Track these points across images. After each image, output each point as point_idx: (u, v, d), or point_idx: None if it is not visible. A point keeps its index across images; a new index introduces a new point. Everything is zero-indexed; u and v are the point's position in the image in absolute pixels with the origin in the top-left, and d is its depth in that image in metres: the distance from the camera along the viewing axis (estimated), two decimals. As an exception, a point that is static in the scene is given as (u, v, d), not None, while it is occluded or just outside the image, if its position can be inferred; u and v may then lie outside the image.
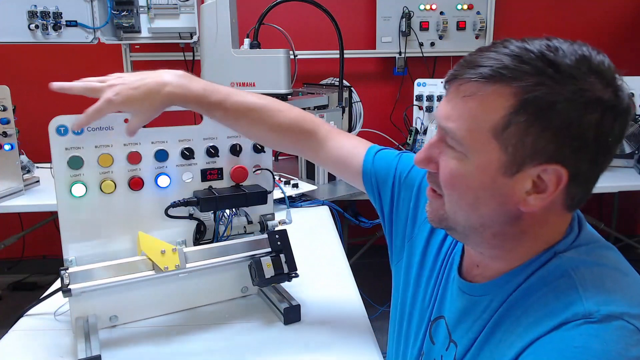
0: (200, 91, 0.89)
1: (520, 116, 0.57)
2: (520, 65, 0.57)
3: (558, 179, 0.59)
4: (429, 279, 0.85)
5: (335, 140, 0.98)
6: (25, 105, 2.29)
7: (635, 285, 0.63)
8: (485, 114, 0.59)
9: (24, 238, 2.83)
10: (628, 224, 3.37)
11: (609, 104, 0.57)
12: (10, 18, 2.31)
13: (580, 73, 0.56)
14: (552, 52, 0.57)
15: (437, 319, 0.81)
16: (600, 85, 0.57)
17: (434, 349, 0.81)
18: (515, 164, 0.59)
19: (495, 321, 0.68)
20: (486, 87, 0.58)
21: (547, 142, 0.57)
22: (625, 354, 0.54)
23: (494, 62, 0.58)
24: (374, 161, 0.96)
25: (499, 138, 0.59)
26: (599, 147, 0.58)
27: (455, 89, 0.63)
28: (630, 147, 2.38)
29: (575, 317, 0.57)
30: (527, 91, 0.56)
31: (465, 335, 0.73)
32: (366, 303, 1.11)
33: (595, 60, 0.58)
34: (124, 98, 0.85)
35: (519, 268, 0.67)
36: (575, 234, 0.67)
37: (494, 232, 0.65)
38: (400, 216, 0.93)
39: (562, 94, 0.55)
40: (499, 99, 0.58)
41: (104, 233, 0.97)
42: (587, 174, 0.60)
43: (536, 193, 0.60)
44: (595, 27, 3.05)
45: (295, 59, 1.97)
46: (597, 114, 0.56)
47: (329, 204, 1.82)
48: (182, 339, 0.97)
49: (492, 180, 0.61)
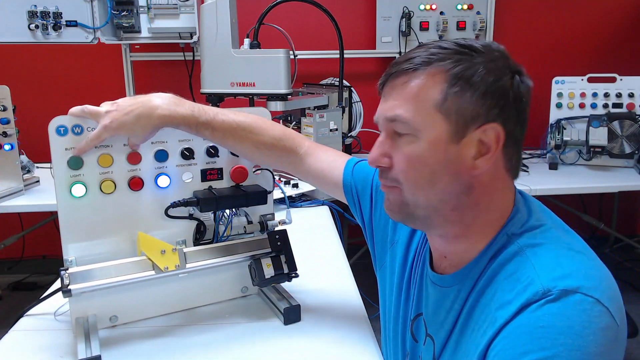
0: (189, 113, 0.93)
1: (454, 87, 0.67)
2: (443, 50, 0.69)
3: (497, 136, 0.68)
4: (408, 280, 0.89)
5: (315, 155, 1.04)
6: (25, 105, 2.30)
7: (589, 260, 0.67)
8: (426, 93, 0.69)
9: (24, 238, 2.84)
10: (628, 224, 3.37)
11: (514, 69, 0.69)
12: (10, 18, 2.31)
13: (487, 50, 0.70)
14: (462, 40, 0.70)
15: (417, 317, 0.85)
16: (503, 58, 0.70)
17: (417, 347, 0.85)
18: (460, 131, 0.68)
19: (467, 311, 0.72)
20: (419, 72, 0.69)
21: (479, 105, 0.67)
22: (588, 326, 0.58)
23: (422, 53, 0.70)
24: (353, 173, 1.02)
25: (441, 110, 0.68)
26: (517, 107, 0.69)
27: (391, 84, 0.73)
28: (630, 147, 2.38)
29: (535, 296, 0.61)
30: (453, 67, 0.68)
31: (440, 328, 0.77)
32: (366, 303, 1.11)
33: (494, 45, 0.71)
34: (119, 124, 0.90)
35: (479, 255, 0.73)
36: (525, 215, 0.72)
37: (452, 205, 0.71)
38: (379, 223, 0.98)
39: (479, 64, 0.68)
40: (433, 78, 0.68)
41: (104, 233, 0.97)
42: (516, 132, 0.70)
43: (481, 156, 0.69)
44: (595, 27, 3.05)
45: (295, 59, 1.97)
46: (507, 77, 0.68)
47: (329, 204, 1.82)
48: (182, 339, 0.97)
49: (444, 152, 0.69)
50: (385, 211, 0.80)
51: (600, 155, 2.44)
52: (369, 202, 1.00)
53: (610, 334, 0.59)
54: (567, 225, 0.73)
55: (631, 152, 2.39)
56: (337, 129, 2.01)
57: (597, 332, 0.58)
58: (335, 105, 2.12)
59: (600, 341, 0.58)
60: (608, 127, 2.39)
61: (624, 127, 2.39)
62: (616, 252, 3.21)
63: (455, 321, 0.74)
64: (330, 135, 2.00)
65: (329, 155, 1.06)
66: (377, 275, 1.01)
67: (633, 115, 2.40)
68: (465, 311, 0.72)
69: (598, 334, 0.58)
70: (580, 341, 0.57)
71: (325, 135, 1.99)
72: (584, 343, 0.57)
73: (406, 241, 0.90)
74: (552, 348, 0.57)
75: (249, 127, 0.99)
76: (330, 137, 2.00)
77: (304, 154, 1.04)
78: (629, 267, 3.09)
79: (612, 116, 2.41)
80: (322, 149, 1.07)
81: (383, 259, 0.98)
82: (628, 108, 2.51)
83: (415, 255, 0.88)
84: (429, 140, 0.69)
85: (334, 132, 2.00)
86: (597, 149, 2.41)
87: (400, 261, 0.91)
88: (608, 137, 2.38)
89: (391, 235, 0.95)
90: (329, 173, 1.04)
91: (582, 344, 0.57)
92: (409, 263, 0.89)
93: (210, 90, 1.90)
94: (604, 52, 3.06)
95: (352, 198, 1.03)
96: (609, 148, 2.39)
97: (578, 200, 3.03)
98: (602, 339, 0.58)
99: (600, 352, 0.58)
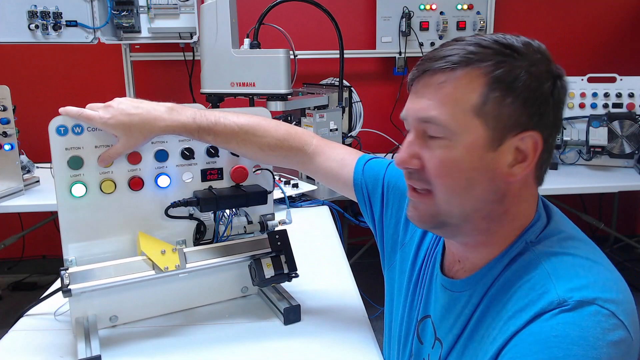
0: (190, 120, 0.93)
1: (494, 92, 0.64)
2: (483, 49, 0.65)
3: (535, 144, 0.65)
4: (416, 281, 0.87)
5: (324, 154, 1.03)
6: (25, 105, 2.30)
7: (607, 271, 0.65)
8: (464, 95, 0.65)
9: (24, 238, 2.84)
10: (628, 224, 3.37)
11: (556, 74, 0.66)
12: (10, 18, 2.31)
13: (529, 51, 0.65)
14: (502, 38, 0.66)
15: (424, 319, 0.83)
16: (545, 60, 0.66)
17: (422, 348, 0.83)
18: (497, 137, 0.65)
19: (477, 317, 0.70)
20: (457, 72, 0.65)
21: (519, 111, 0.64)
22: (602, 338, 0.57)
23: (459, 51, 0.65)
24: (364, 171, 1.00)
25: (480, 115, 0.64)
26: (556, 113, 0.67)
27: (425, 82, 0.68)
28: (630, 147, 2.38)
29: (550, 306, 0.60)
30: (494, 69, 0.64)
31: (449, 332, 0.75)
32: (366, 303, 1.11)
33: (535, 43, 0.67)
34: (116, 122, 0.90)
35: (494, 260, 0.71)
36: (544, 223, 0.71)
37: (484, 214, 0.69)
38: (390, 223, 0.97)
39: (521, 67, 0.64)
40: (473, 80, 0.64)
41: (104, 233, 0.97)
42: (552, 138, 0.68)
43: (518, 164, 0.66)
44: (595, 27, 3.05)
45: (295, 59, 1.97)
46: (549, 82, 0.65)
47: (329, 204, 1.82)
48: (182, 339, 0.97)
49: (480, 159, 0.66)
50: (410, 219, 0.76)
51: (600, 155, 2.44)
52: (380, 202, 0.98)
53: (624, 348, 0.58)
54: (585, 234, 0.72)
55: (631, 152, 2.39)
56: (337, 129, 2.01)
57: (611, 345, 0.57)
58: (335, 105, 2.12)
59: (614, 354, 0.57)
60: (608, 127, 2.39)
61: (624, 127, 2.39)
62: (616, 252, 3.21)
63: (465, 326, 0.72)
64: (330, 135, 2.00)
65: (338, 153, 1.04)
66: (384, 274, 0.99)
67: (633, 115, 2.40)
68: (475, 317, 0.71)
69: (612, 347, 0.57)
70: (593, 353, 0.56)
71: (325, 135, 1.99)
72: (597, 355, 0.56)
73: (417, 242, 0.89)
74: (565, 358, 0.56)
75: (251, 130, 0.97)
76: (330, 137, 2.00)
77: (313, 153, 1.02)
78: (629, 267, 3.09)
79: (612, 116, 2.41)
80: (331, 146, 1.05)
81: (392, 259, 0.96)
82: (628, 108, 2.51)
83: (425, 257, 0.86)
84: (465, 145, 0.65)
85: (334, 132, 2.00)
86: (597, 149, 2.41)
87: (410, 262, 0.89)
88: (608, 137, 2.38)
89: (402, 235, 0.94)
90: (338, 172, 1.02)
91: (596, 356, 0.56)
92: (419, 264, 0.87)
93: (210, 90, 1.90)
94: (604, 52, 3.06)
95: (363, 197, 1.01)
96: (609, 148, 2.39)
97: (578, 200, 3.03)
98: (615, 352, 0.57)
99: None
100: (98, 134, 0.93)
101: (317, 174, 1.05)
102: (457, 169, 0.66)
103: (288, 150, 1.01)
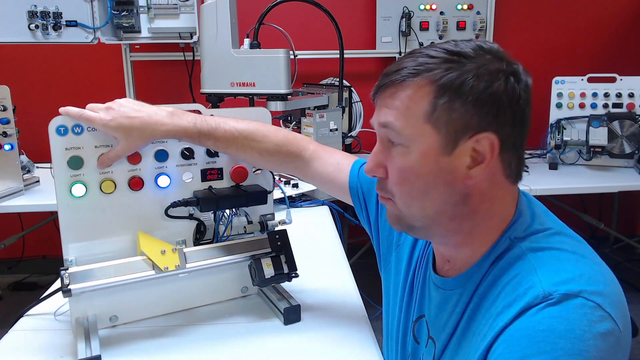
0: (191, 125, 0.95)
1: (442, 98, 0.66)
2: (431, 59, 0.68)
3: (491, 145, 0.66)
4: (411, 281, 0.89)
5: (321, 158, 1.05)
6: (25, 105, 2.30)
7: (594, 264, 0.66)
8: (415, 104, 0.68)
9: (24, 238, 2.84)
10: (628, 224, 3.37)
11: (508, 71, 0.66)
12: (10, 18, 2.31)
13: (478, 55, 0.67)
14: (453, 46, 0.68)
15: (419, 319, 0.85)
16: (496, 60, 0.67)
17: (419, 348, 0.85)
18: (451, 141, 0.67)
19: (469, 315, 0.71)
20: (408, 83, 0.68)
21: (470, 114, 0.65)
22: (589, 330, 0.57)
23: (411, 63, 0.69)
24: (359, 175, 1.02)
25: (431, 121, 0.67)
26: (514, 110, 0.67)
27: (382, 94, 0.71)
28: (630, 147, 2.38)
29: (535, 300, 0.61)
30: (441, 77, 0.66)
31: (442, 331, 0.77)
32: (366, 303, 1.11)
33: (487, 45, 0.69)
34: (117, 125, 0.90)
35: (482, 259, 0.72)
36: (527, 220, 0.71)
37: (450, 215, 0.71)
38: (385, 225, 0.98)
39: (469, 71, 0.65)
40: (421, 90, 0.67)
41: (104, 233, 0.97)
42: (513, 137, 0.68)
43: (476, 165, 0.67)
44: (595, 27, 3.05)
45: (295, 59, 1.97)
46: (500, 81, 0.66)
47: (329, 204, 1.82)
48: (182, 339, 0.97)
49: (435, 163, 0.68)
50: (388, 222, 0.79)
51: (600, 155, 2.44)
52: (375, 205, 1.00)
53: (612, 340, 0.58)
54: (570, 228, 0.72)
55: (631, 152, 2.39)
56: (337, 129, 2.01)
57: (598, 337, 0.57)
58: (335, 105, 2.12)
59: (601, 346, 0.57)
60: (608, 127, 2.39)
61: (624, 127, 2.39)
62: (616, 252, 3.21)
63: (457, 324, 0.73)
64: (330, 135, 2.00)
65: (334, 158, 1.06)
66: (381, 275, 1.01)
67: (633, 115, 2.40)
68: (467, 314, 0.72)
69: (599, 338, 0.57)
70: (580, 345, 0.56)
71: (325, 135, 1.99)
72: (585, 347, 0.56)
73: (411, 243, 0.91)
74: (552, 352, 0.57)
75: (251, 135, 0.99)
76: (330, 137, 2.00)
77: (310, 158, 1.04)
78: (629, 267, 3.09)
79: (612, 116, 2.41)
80: (327, 151, 1.07)
81: (388, 260, 0.98)
82: (628, 108, 2.51)
83: (419, 257, 0.88)
84: (420, 151, 0.68)
85: (334, 132, 2.00)
86: (597, 149, 2.41)
87: (405, 262, 0.91)
88: (608, 137, 2.39)
89: (397, 237, 0.95)
90: (335, 176, 1.04)
91: (583, 348, 0.56)
92: (413, 265, 0.89)
93: (210, 90, 1.90)
94: (604, 52, 3.06)
95: (359, 200, 1.03)
96: (609, 148, 2.39)
97: (578, 200, 3.03)
98: (603, 344, 0.57)
99: (601, 357, 0.57)
100: (98, 134, 0.93)
101: (314, 179, 1.07)
102: (414, 174, 0.69)
103: (286, 156, 1.03)
